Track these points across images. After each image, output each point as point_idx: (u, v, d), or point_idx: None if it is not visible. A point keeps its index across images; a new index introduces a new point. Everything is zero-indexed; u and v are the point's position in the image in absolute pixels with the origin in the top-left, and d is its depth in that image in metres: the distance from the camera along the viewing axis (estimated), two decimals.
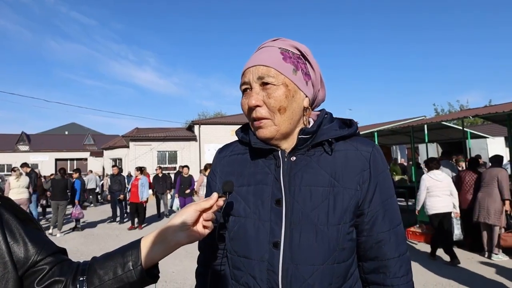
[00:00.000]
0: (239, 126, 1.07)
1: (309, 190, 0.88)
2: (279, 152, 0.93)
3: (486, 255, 5.59)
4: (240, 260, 0.91)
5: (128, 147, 23.06)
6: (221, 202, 0.83)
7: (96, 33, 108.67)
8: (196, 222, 0.81)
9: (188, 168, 10.79)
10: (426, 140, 9.27)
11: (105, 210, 13.28)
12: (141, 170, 9.94)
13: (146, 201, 9.80)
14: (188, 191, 10.12)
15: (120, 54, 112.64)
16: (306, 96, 0.94)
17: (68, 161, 35.16)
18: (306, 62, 0.94)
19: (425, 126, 8.70)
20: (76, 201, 9.35)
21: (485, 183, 5.59)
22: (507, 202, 5.35)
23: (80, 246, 7.31)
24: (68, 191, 9.05)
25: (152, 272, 0.79)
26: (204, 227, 0.81)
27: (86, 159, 34.83)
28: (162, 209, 11.76)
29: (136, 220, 9.63)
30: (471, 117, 7.26)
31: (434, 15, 78.33)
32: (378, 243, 0.90)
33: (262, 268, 0.87)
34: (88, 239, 8.13)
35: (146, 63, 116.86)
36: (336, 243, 0.86)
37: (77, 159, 35.85)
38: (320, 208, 0.86)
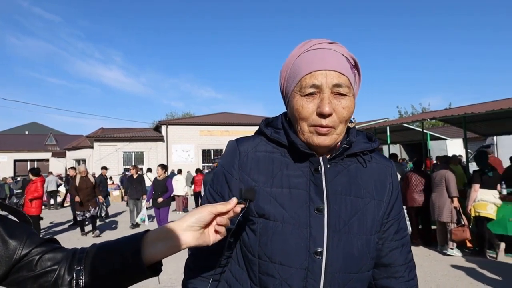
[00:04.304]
0: (263, 120, 1.00)
1: (345, 198, 0.89)
2: (321, 158, 0.90)
3: (441, 250, 5.94)
4: (275, 266, 0.86)
5: (92, 147, 22.32)
6: (238, 208, 0.76)
7: (60, 30, 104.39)
8: (208, 224, 0.75)
9: (164, 169, 7.98)
10: (389, 142, 9.61)
11: (66, 213, 12.75)
12: None
13: None
14: (161, 199, 7.57)
15: (85, 52, 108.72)
16: None
17: (28, 162, 33.43)
18: (356, 72, 0.91)
19: (388, 128, 9.02)
20: None
21: (436, 184, 6.01)
22: (455, 199, 5.74)
23: None
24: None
25: (153, 266, 0.73)
26: (216, 232, 0.75)
27: (47, 160, 33.30)
28: (136, 219, 9.24)
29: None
30: (428, 119, 7.60)
31: (401, 15, 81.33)
32: (392, 251, 0.96)
33: (301, 277, 0.84)
34: None
35: (112, 61, 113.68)
36: (368, 252, 0.89)
37: (38, 160, 34.19)
38: (356, 217, 0.89)
